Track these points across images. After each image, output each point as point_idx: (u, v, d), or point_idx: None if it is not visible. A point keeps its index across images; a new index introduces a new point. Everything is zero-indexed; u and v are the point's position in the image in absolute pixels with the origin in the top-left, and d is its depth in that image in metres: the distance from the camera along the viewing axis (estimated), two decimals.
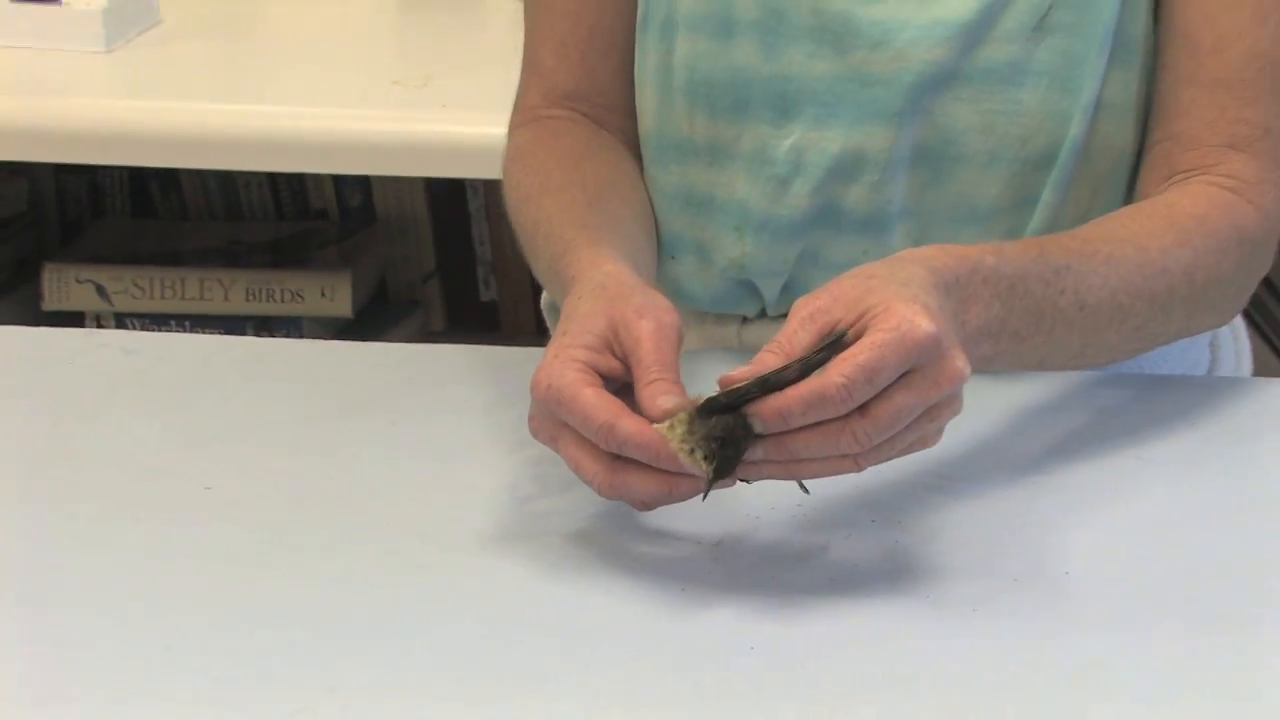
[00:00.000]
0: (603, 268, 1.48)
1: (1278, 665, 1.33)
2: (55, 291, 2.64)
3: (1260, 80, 1.61)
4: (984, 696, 1.31)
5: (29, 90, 2.40)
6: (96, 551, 1.47)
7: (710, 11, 1.67)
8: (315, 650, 1.35)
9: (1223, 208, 1.59)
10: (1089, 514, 1.51)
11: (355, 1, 2.71)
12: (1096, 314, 1.53)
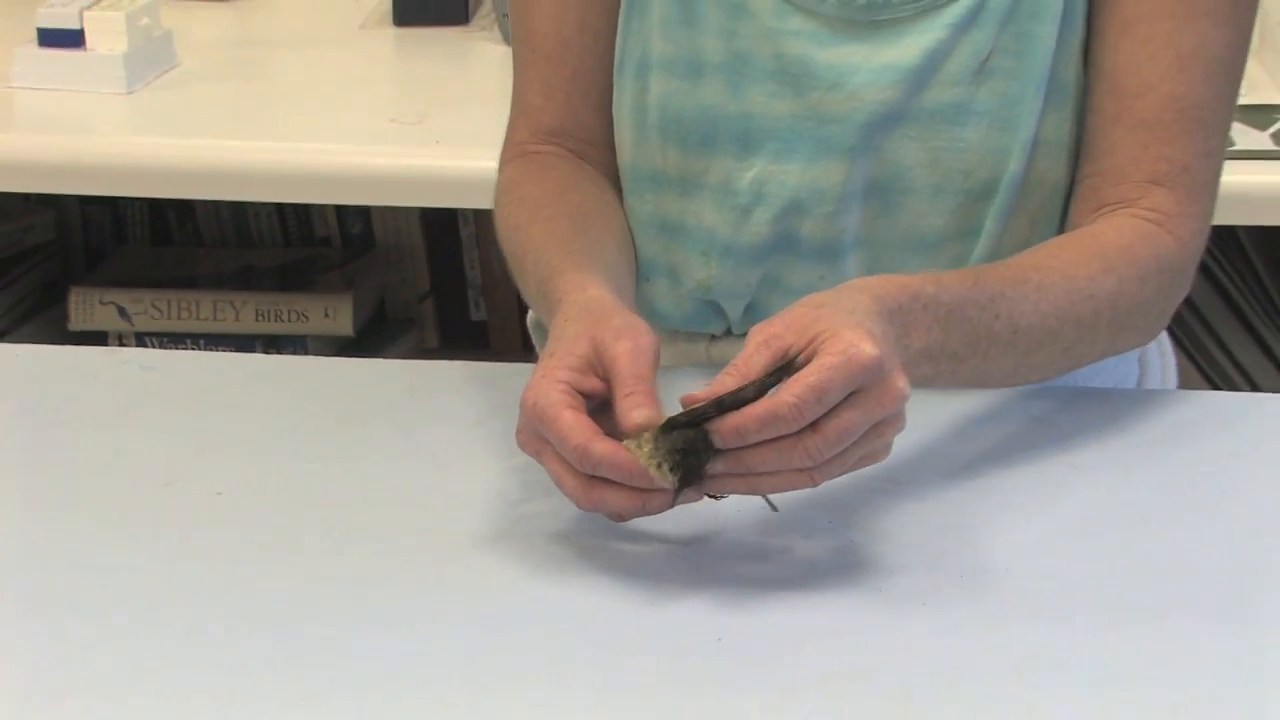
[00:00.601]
0: (587, 291, 1.48)
1: (1197, 652, 1.34)
2: (80, 313, 2.63)
3: (1180, 122, 1.61)
4: (933, 682, 1.31)
5: (57, 129, 2.40)
6: (116, 551, 1.47)
7: (681, 55, 1.67)
8: (318, 641, 1.35)
9: (1145, 238, 1.60)
10: (1027, 515, 1.51)
11: (355, 45, 2.71)
12: (1028, 337, 1.54)
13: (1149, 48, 1.61)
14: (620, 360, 1.39)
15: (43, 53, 2.48)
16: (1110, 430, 1.62)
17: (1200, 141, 1.62)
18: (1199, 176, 1.63)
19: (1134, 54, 1.61)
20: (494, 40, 2.62)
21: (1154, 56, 1.61)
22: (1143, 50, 1.61)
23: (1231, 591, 1.42)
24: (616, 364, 1.39)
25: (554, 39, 1.73)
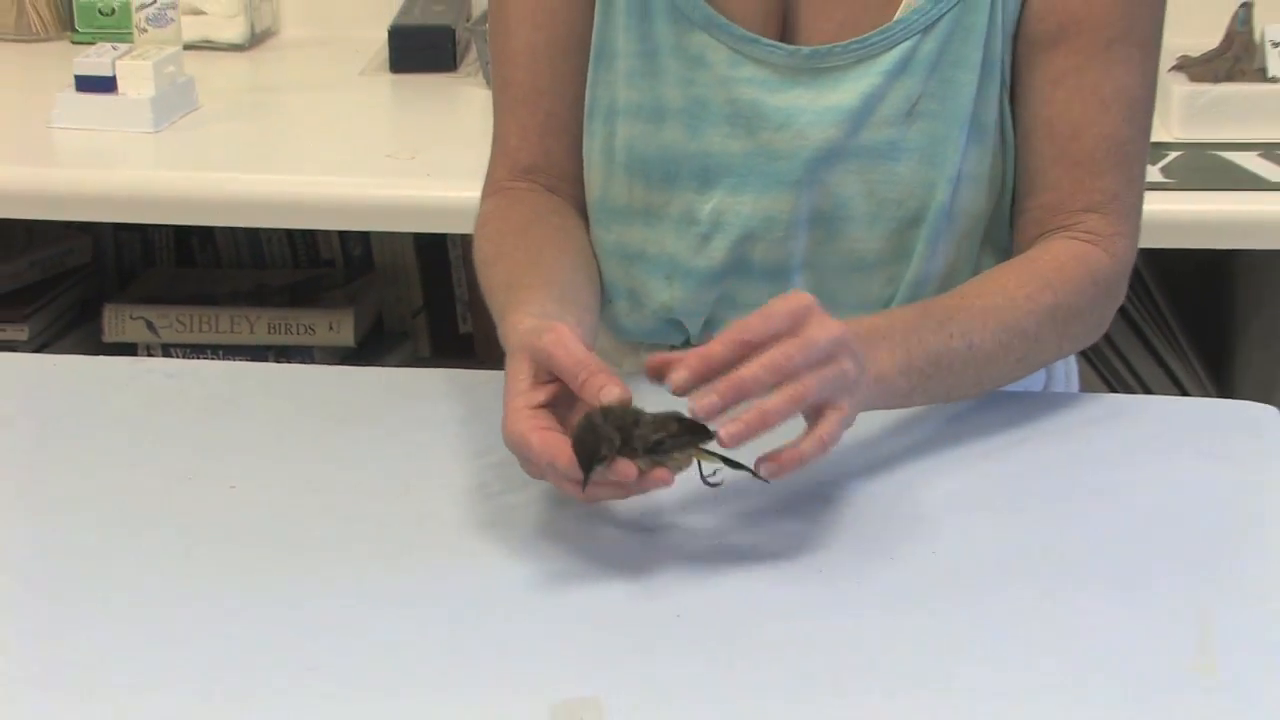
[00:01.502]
0: (520, 326, 1.48)
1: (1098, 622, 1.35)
2: (113, 327, 2.63)
3: (1109, 157, 1.64)
4: (867, 650, 1.32)
5: (92, 164, 2.39)
6: (142, 536, 1.47)
7: (645, 102, 1.67)
8: (320, 614, 1.36)
9: (1079, 257, 1.62)
10: (950, 504, 1.51)
11: (356, 90, 2.70)
12: (983, 350, 1.57)
13: (1078, 96, 1.63)
14: (555, 354, 1.40)
15: (80, 97, 2.48)
16: (1022, 428, 1.63)
17: (1126, 171, 1.66)
18: (1127, 201, 1.66)
19: (1066, 103, 1.63)
20: (478, 85, 2.62)
21: (1083, 103, 1.63)
22: (1073, 99, 1.63)
23: (1127, 565, 1.43)
24: (554, 359, 1.40)
25: (529, 87, 1.72)
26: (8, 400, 1.74)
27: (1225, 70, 2.42)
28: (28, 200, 2.36)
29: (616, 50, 1.68)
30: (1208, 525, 1.50)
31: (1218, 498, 1.54)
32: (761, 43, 1.65)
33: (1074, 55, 1.63)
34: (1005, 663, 1.31)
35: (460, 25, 2.74)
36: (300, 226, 2.66)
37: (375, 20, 2.81)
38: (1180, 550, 1.45)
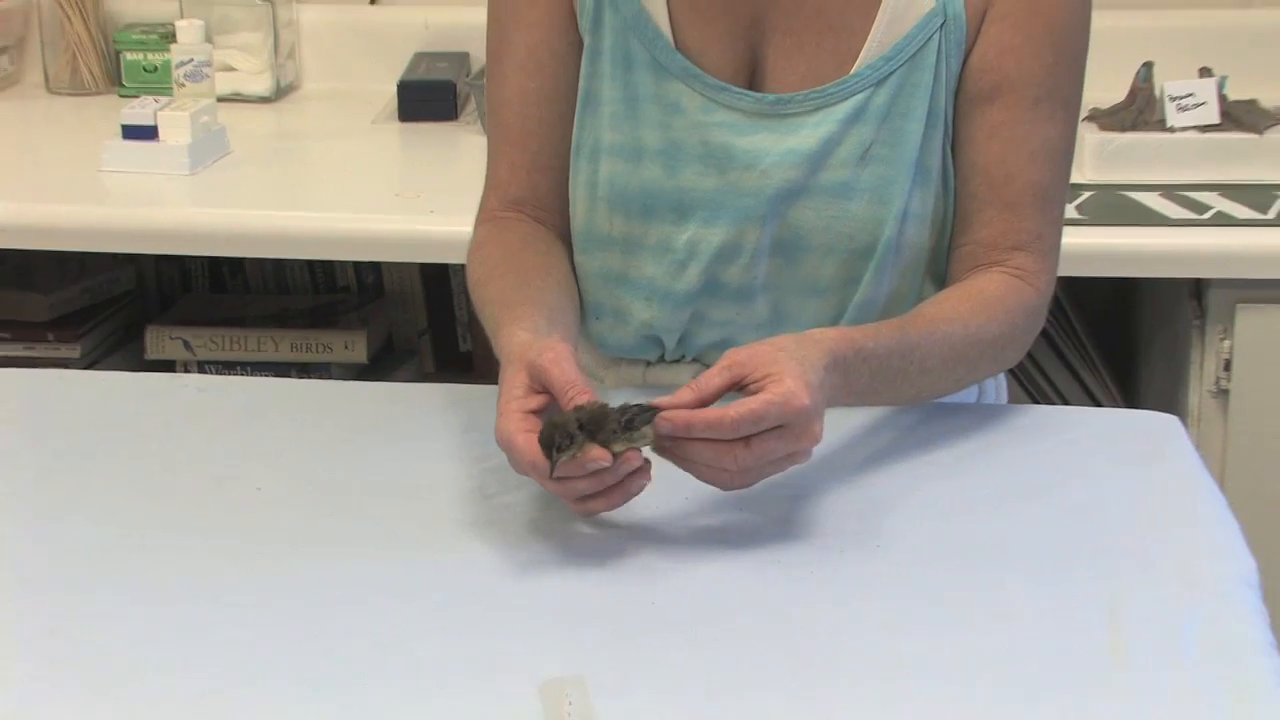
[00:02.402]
0: (516, 339, 1.49)
1: (1023, 606, 1.35)
2: (154, 346, 2.62)
3: (1036, 202, 1.65)
4: (819, 633, 1.32)
5: (136, 203, 2.39)
6: (177, 534, 1.47)
7: (626, 143, 1.67)
8: (337, 603, 1.36)
9: (1014, 291, 1.64)
10: (893, 503, 1.51)
11: (368, 137, 2.70)
12: (931, 374, 1.59)
13: (1010, 147, 1.64)
14: (551, 371, 1.42)
15: (125, 144, 2.47)
16: (959, 436, 1.63)
17: (1049, 214, 1.67)
18: (1049, 240, 1.67)
19: (999, 153, 1.64)
20: (476, 132, 2.61)
21: (1014, 154, 1.64)
22: (1005, 150, 1.64)
23: (1049, 556, 1.43)
24: (549, 375, 1.42)
25: (519, 129, 1.72)
26: (62, 410, 1.73)
27: (1130, 121, 2.42)
28: (80, 235, 2.36)
29: (602, 97, 1.68)
30: (1118, 520, 1.50)
31: (1126, 496, 1.54)
32: (731, 91, 1.65)
33: (1006, 110, 1.63)
34: (942, 642, 1.30)
35: (460, 80, 2.74)
36: (319, 257, 2.66)
37: (386, 76, 2.80)
38: (1094, 542, 1.46)
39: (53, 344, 2.57)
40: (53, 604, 1.36)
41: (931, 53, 1.63)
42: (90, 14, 2.86)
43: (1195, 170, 2.38)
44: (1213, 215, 2.27)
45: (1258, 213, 2.27)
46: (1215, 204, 2.30)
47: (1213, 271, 2.23)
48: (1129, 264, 2.23)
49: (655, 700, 1.24)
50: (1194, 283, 2.26)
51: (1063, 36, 1.64)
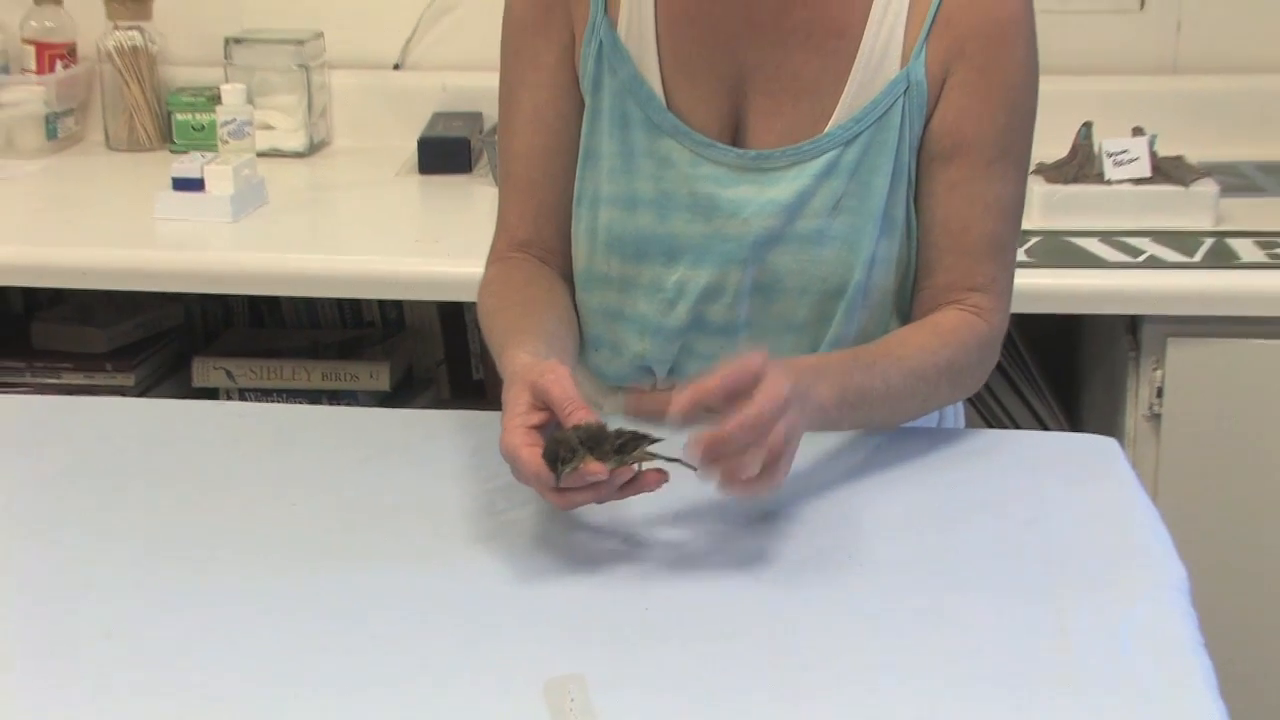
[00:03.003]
0: (519, 360, 1.49)
1: (980, 612, 1.35)
2: (200, 375, 2.61)
3: (990, 249, 1.65)
4: (796, 636, 1.32)
5: (185, 247, 2.39)
6: (218, 542, 1.47)
7: (622, 192, 1.67)
8: (359, 607, 1.36)
9: (969, 325, 1.63)
10: (861, 518, 1.51)
11: (392, 188, 2.70)
12: (899, 392, 1.58)
13: (967, 201, 1.64)
14: (552, 390, 1.41)
15: (175, 194, 2.47)
16: (921, 457, 1.63)
17: (1002, 260, 1.67)
18: (1002, 283, 1.67)
19: (958, 206, 1.64)
20: (488, 184, 2.61)
21: (971, 207, 1.64)
22: (963, 203, 1.64)
23: (1003, 566, 1.43)
24: (550, 394, 1.41)
25: (526, 180, 1.73)
26: (118, 433, 1.72)
27: (1073, 174, 2.43)
28: (135, 276, 2.36)
29: (601, 151, 1.68)
30: (1064, 533, 1.50)
31: (1071, 511, 1.54)
32: (717, 147, 1.65)
33: (964, 169, 1.63)
34: (907, 645, 1.31)
35: (474, 137, 2.74)
36: (347, 296, 2.66)
37: (407, 133, 2.80)
38: (1043, 552, 1.45)
39: (110, 373, 2.56)
40: (105, 606, 1.36)
41: (896, 115, 1.63)
42: (146, 79, 2.87)
43: (1130, 218, 2.38)
44: (1146, 259, 2.27)
45: (1185, 256, 2.27)
46: (1148, 248, 2.30)
47: (1146, 309, 2.23)
48: (1072, 302, 2.24)
49: (649, 696, 1.24)
50: (1130, 319, 2.26)
51: (1014, 102, 1.64)
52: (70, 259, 2.35)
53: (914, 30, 1.62)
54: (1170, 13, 2.81)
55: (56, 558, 1.44)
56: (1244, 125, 2.77)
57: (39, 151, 2.84)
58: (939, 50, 1.62)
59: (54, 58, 2.89)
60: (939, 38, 1.62)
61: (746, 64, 1.65)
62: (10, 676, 1.27)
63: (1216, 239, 2.33)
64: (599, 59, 1.67)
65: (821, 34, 1.63)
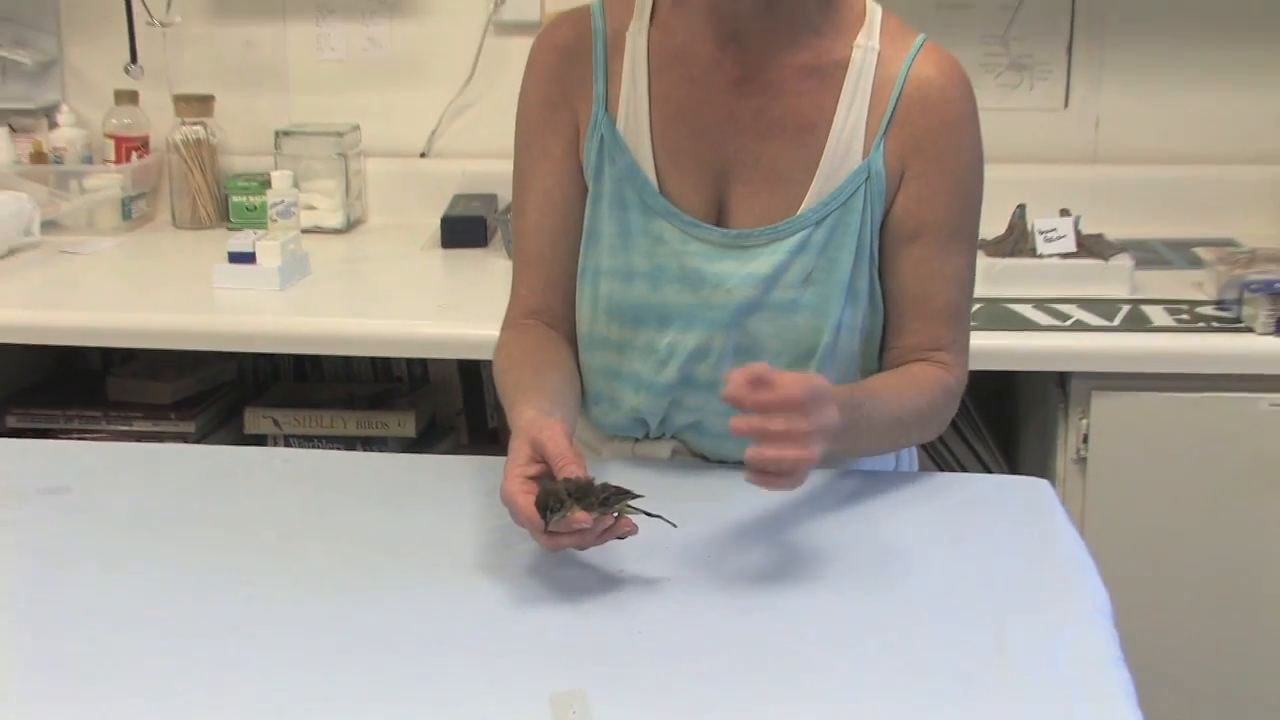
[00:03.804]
0: (524, 416, 1.49)
1: (929, 629, 1.35)
2: (251, 423, 2.61)
3: (951, 315, 1.66)
4: (766, 654, 1.31)
5: (238, 312, 2.38)
6: (263, 575, 1.46)
7: (620, 266, 1.67)
8: (384, 626, 1.35)
9: (936, 377, 1.64)
10: (826, 549, 1.50)
11: (418, 260, 2.70)
12: (880, 430, 1.59)
13: (929, 275, 1.65)
14: (548, 446, 1.42)
15: (231, 266, 2.47)
16: (879, 495, 1.63)
17: (961, 323, 1.68)
18: (961, 341, 1.68)
19: (922, 279, 1.65)
20: (502, 257, 2.62)
21: (933, 279, 1.65)
22: (926, 277, 1.65)
23: (950, 589, 1.43)
24: (546, 449, 1.42)
25: (536, 255, 1.72)
26: (180, 474, 1.72)
27: (1009, 249, 2.43)
28: (196, 337, 2.35)
29: (602, 230, 1.68)
30: (1003, 562, 1.49)
31: (1009, 543, 1.54)
32: (703, 227, 1.66)
33: (926, 248, 1.64)
34: (866, 662, 1.30)
35: (490, 216, 2.75)
36: (379, 355, 2.66)
37: (432, 212, 2.81)
38: (985, 579, 1.45)
39: (174, 422, 2.56)
40: (167, 625, 1.36)
41: (859, 200, 1.63)
42: (208, 167, 2.88)
43: (1058, 288, 2.39)
44: (1072, 323, 2.27)
45: (1106, 320, 2.28)
46: (1074, 314, 2.30)
47: (1073, 366, 2.23)
48: (1010, 360, 2.23)
49: (642, 707, 1.23)
50: (1059, 375, 2.26)
51: (965, 189, 1.65)
52: (141, 323, 2.35)
53: (873, 126, 1.63)
54: (1090, 112, 2.83)
55: (127, 585, 1.44)
56: (1154, 208, 2.78)
57: (115, 230, 2.84)
58: (896, 145, 1.63)
59: (130, 149, 2.90)
60: (896, 135, 1.62)
61: (729, 155, 1.65)
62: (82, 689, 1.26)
63: (1132, 306, 2.34)
64: (601, 150, 1.67)
65: (794, 130, 1.64)
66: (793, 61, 1.64)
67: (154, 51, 2.92)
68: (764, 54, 1.63)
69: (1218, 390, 2.20)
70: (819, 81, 1.63)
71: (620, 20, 1.68)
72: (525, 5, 2.86)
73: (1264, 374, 2.19)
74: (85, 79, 2.97)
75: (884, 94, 1.63)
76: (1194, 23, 2.78)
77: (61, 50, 2.97)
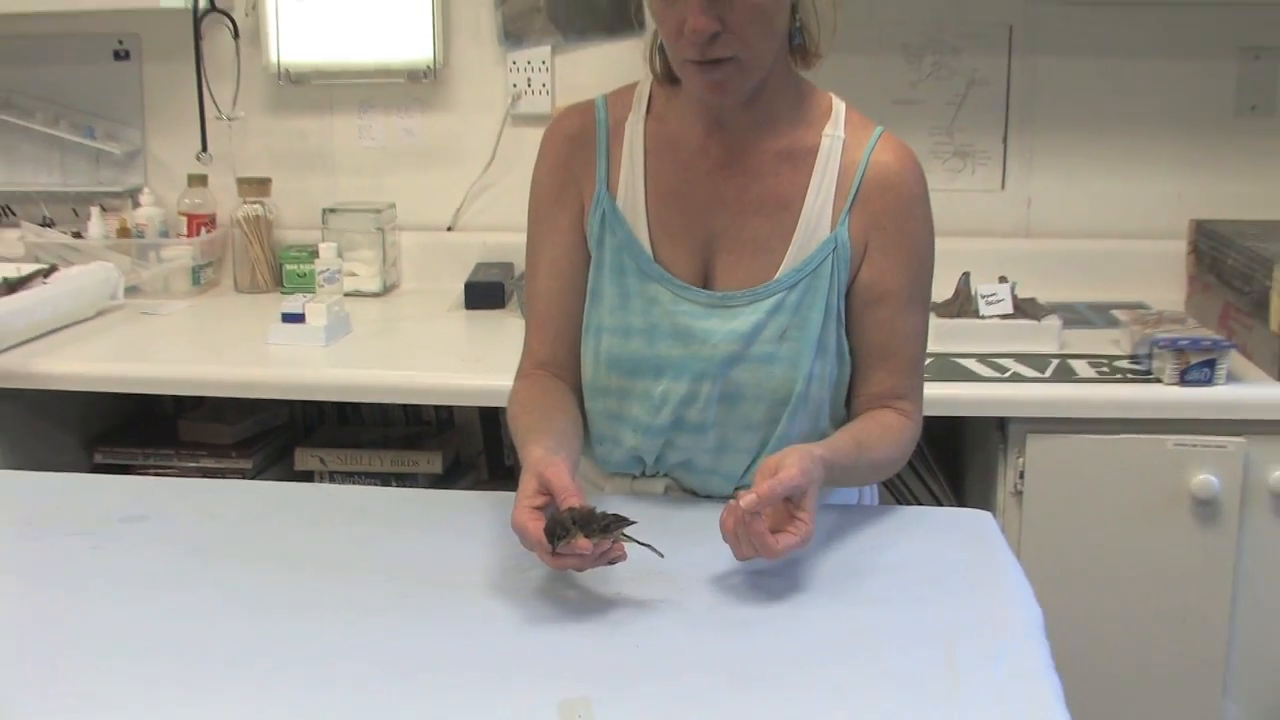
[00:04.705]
0: (533, 454, 1.49)
1: (887, 647, 1.32)
2: (300, 461, 2.60)
3: (909, 368, 1.65)
4: (747, 668, 1.29)
5: (290, 365, 2.37)
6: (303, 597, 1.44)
7: (619, 324, 1.66)
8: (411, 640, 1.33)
9: (899, 424, 1.63)
10: (798, 575, 1.48)
11: (444, 320, 2.68)
12: (860, 476, 1.60)
13: (891, 333, 1.64)
14: (553, 481, 1.42)
15: (284, 325, 2.46)
16: (848, 527, 1.61)
17: (917, 375, 1.67)
18: (918, 390, 1.67)
19: (885, 337, 1.64)
20: (518, 317, 2.61)
21: (894, 337, 1.64)
22: (889, 335, 1.64)
23: (908, 610, 1.40)
24: (552, 483, 1.42)
25: (546, 315, 1.71)
26: (238, 507, 1.70)
27: (956, 310, 2.43)
28: (254, 387, 2.34)
29: (603, 292, 1.67)
30: (951, 584, 1.48)
31: (956, 567, 1.52)
32: (692, 289, 1.65)
33: (887, 310, 1.64)
34: (833, 674, 1.29)
35: (507, 281, 2.75)
36: (410, 402, 2.64)
37: (457, 278, 2.81)
38: (936, 599, 1.44)
39: (234, 459, 2.54)
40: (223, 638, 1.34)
41: (827, 267, 1.63)
42: (265, 240, 2.88)
43: (998, 344, 2.38)
44: (1010, 375, 2.26)
45: (1039, 373, 2.27)
46: (1012, 367, 2.29)
47: (1011, 412, 2.22)
48: (957, 406, 2.22)
49: (641, 712, 1.22)
50: (999, 419, 2.25)
51: (919, 258, 1.65)
52: (207, 374, 2.34)
53: (840, 203, 1.63)
54: (1022, 193, 2.83)
55: (192, 604, 1.42)
56: (1078, 275, 2.78)
57: (186, 294, 2.83)
58: (859, 222, 1.62)
59: (199, 224, 2.90)
60: (859, 212, 1.62)
61: (715, 228, 1.65)
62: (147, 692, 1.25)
63: (1061, 360, 2.33)
64: (603, 224, 1.66)
65: (771, 206, 1.63)
66: (770, 148, 1.63)
67: (221, 141, 2.92)
68: (745, 141, 1.63)
69: (1132, 433, 2.19)
70: (792, 165, 1.63)
71: (620, 112, 1.68)
72: (538, 100, 2.86)
73: (1170, 418, 2.18)
74: (164, 165, 2.98)
75: (849, 176, 1.62)
76: (1109, 119, 2.79)
77: (145, 141, 2.98)
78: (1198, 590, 2.22)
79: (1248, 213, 2.74)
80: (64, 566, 1.49)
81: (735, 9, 1.50)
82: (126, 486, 1.85)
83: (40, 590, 1.44)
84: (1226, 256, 2.47)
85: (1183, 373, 2.18)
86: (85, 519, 1.62)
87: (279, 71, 2.88)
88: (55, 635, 1.34)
